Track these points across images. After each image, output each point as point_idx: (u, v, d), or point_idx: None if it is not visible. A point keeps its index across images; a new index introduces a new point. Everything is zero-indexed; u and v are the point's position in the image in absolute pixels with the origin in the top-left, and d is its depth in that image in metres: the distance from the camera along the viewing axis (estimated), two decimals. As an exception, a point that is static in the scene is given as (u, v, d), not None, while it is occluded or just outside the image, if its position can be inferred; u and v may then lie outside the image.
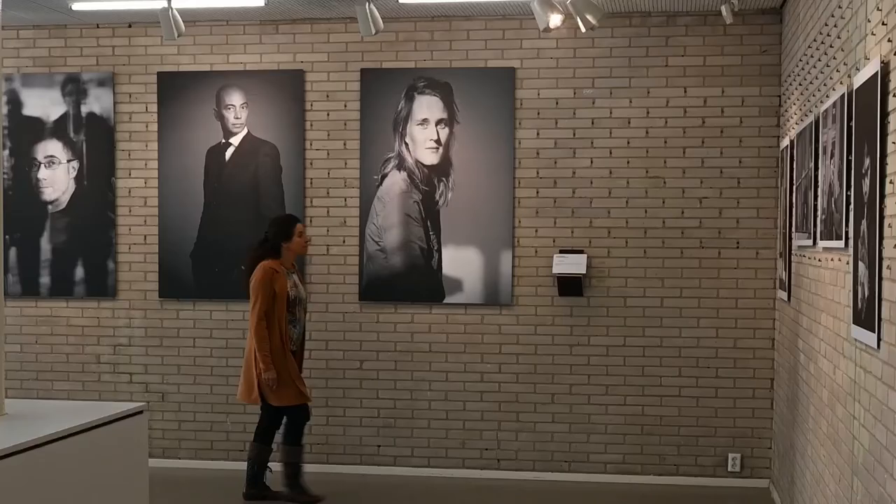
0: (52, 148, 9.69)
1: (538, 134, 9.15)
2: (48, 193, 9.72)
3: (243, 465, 8.79)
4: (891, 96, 4.35)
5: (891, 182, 4.30)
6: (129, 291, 9.70)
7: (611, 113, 9.06)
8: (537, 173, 9.16)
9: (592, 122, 9.09)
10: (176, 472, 9.44)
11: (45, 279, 9.76)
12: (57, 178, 9.69)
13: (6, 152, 9.72)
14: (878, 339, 4.52)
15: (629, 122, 9.04)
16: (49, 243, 9.71)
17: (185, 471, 9.54)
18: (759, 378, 8.99)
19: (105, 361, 9.76)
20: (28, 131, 9.72)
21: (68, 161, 9.67)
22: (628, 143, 9.04)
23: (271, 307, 8.23)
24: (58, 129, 9.68)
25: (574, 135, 9.11)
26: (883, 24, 4.58)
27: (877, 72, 4.50)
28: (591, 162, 9.10)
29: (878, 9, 4.70)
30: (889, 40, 4.43)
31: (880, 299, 4.48)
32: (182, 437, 9.66)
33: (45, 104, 9.69)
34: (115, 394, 9.69)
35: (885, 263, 4.41)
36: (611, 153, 9.07)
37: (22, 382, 9.77)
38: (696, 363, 9.04)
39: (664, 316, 9.06)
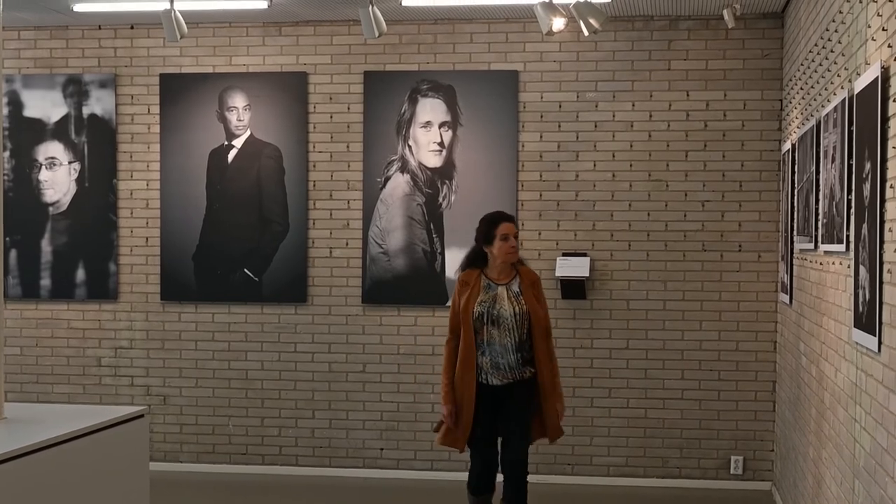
0: (53, 149, 9.69)
1: (541, 137, 9.15)
2: (49, 195, 9.72)
3: (245, 469, 8.79)
4: (891, 101, 4.35)
5: (891, 186, 4.30)
6: (131, 294, 9.70)
7: (613, 116, 9.06)
8: (540, 176, 9.16)
9: (595, 126, 9.09)
10: (178, 476, 9.45)
11: (45, 281, 9.76)
12: (58, 179, 9.69)
13: (7, 154, 9.73)
14: (879, 343, 4.52)
15: (632, 126, 9.04)
16: (50, 245, 9.71)
17: (186, 474, 9.55)
18: (761, 381, 8.99)
19: (106, 364, 9.76)
20: (29, 133, 9.72)
21: (69, 163, 9.67)
22: (631, 146, 9.04)
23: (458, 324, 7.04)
24: (59, 131, 9.69)
25: (577, 138, 9.11)
26: (883, 29, 4.58)
27: (877, 77, 4.50)
28: (594, 165, 9.10)
29: (878, 14, 4.70)
30: (889, 45, 4.43)
31: (881, 303, 4.48)
32: (184, 440, 9.66)
33: (46, 105, 9.70)
34: (116, 397, 9.69)
35: (885, 267, 4.41)
36: (613, 156, 9.07)
37: (22, 386, 9.77)
38: (698, 366, 9.04)
39: (666, 319, 9.06)
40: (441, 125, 9.24)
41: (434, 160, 9.25)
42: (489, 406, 7.01)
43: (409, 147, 9.27)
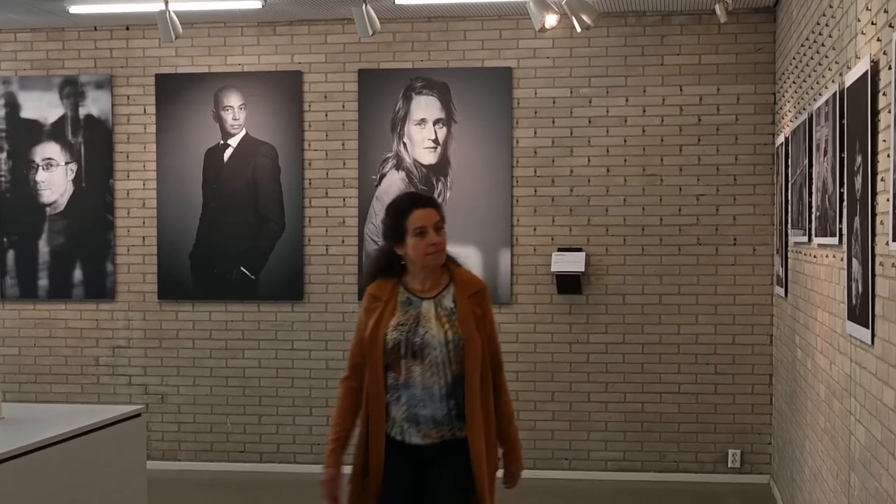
0: (50, 150, 9.70)
1: (535, 133, 9.17)
2: (46, 196, 9.73)
3: (243, 467, 8.81)
4: (881, 95, 4.38)
5: (882, 179, 4.33)
6: (128, 293, 9.71)
7: (607, 111, 9.08)
8: (535, 172, 9.18)
9: (589, 121, 9.11)
10: (176, 474, 9.46)
11: (43, 281, 9.77)
12: (55, 180, 9.70)
13: (4, 155, 9.75)
14: (872, 335, 4.54)
15: (626, 121, 9.06)
16: (47, 245, 9.72)
17: (184, 473, 9.56)
18: (757, 374, 9.01)
19: (104, 364, 9.77)
20: (26, 134, 9.73)
21: (66, 163, 9.69)
22: (625, 141, 9.06)
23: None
24: (56, 132, 9.70)
25: (571, 133, 9.13)
26: (872, 23, 4.61)
27: (867, 70, 4.53)
28: (589, 160, 9.12)
29: (867, 8, 4.72)
30: (878, 39, 4.46)
31: (873, 295, 4.51)
32: (181, 438, 9.68)
33: (42, 107, 9.71)
34: (115, 396, 9.71)
35: (877, 260, 4.44)
36: (608, 151, 9.09)
37: (20, 386, 9.78)
38: (694, 360, 9.06)
39: (663, 313, 9.08)
40: (435, 122, 9.26)
41: (429, 157, 9.27)
42: (408, 476, 4.86)
43: (404, 144, 9.29)
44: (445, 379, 4.77)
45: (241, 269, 9.45)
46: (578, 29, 7.56)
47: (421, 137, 9.28)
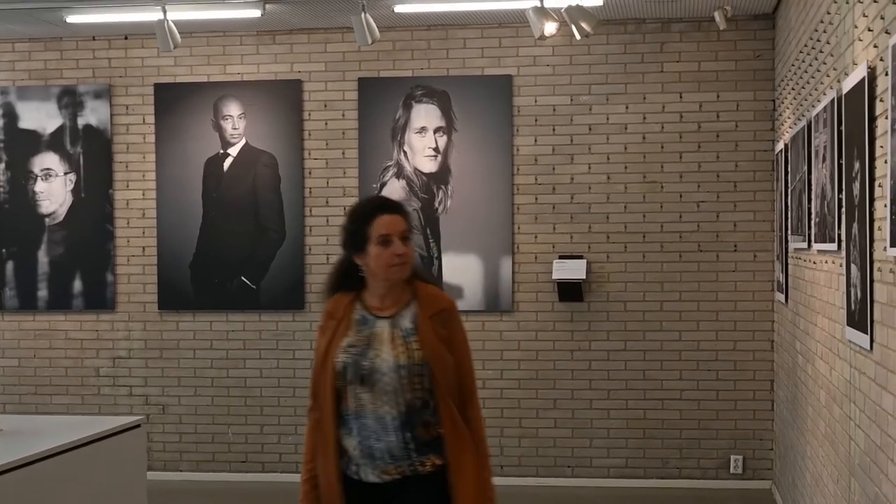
0: (48, 161, 9.70)
1: (536, 140, 9.17)
2: (45, 206, 9.73)
3: (245, 477, 8.80)
4: (878, 101, 4.39)
5: (879, 185, 4.33)
6: (128, 303, 9.71)
7: (607, 119, 9.08)
8: (536, 179, 9.18)
9: (590, 129, 9.11)
10: (177, 485, 9.45)
11: (42, 292, 9.77)
12: (54, 190, 9.70)
13: (2, 166, 9.75)
14: (871, 341, 4.54)
15: (626, 128, 9.06)
16: (47, 256, 9.71)
17: (186, 483, 9.55)
18: (759, 380, 9.00)
19: (104, 374, 9.76)
20: (24, 144, 9.73)
21: (65, 173, 9.68)
22: (625, 148, 9.06)
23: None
24: (54, 142, 9.70)
25: (571, 141, 9.13)
26: (869, 29, 4.61)
27: (864, 77, 4.53)
28: (589, 168, 9.12)
29: (864, 15, 4.73)
30: (875, 46, 4.46)
31: (872, 301, 4.51)
32: (183, 449, 9.67)
33: (41, 117, 9.71)
34: (115, 407, 9.70)
35: (875, 266, 4.44)
36: (608, 159, 9.09)
37: (20, 397, 9.78)
38: (696, 366, 9.05)
39: (664, 320, 9.08)
40: (436, 130, 9.26)
41: (429, 165, 9.27)
42: None
43: (405, 153, 9.29)
44: (398, 408, 4.19)
45: (242, 278, 9.45)
46: (578, 37, 7.57)
47: (421, 146, 9.28)
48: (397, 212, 4.35)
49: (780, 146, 8.27)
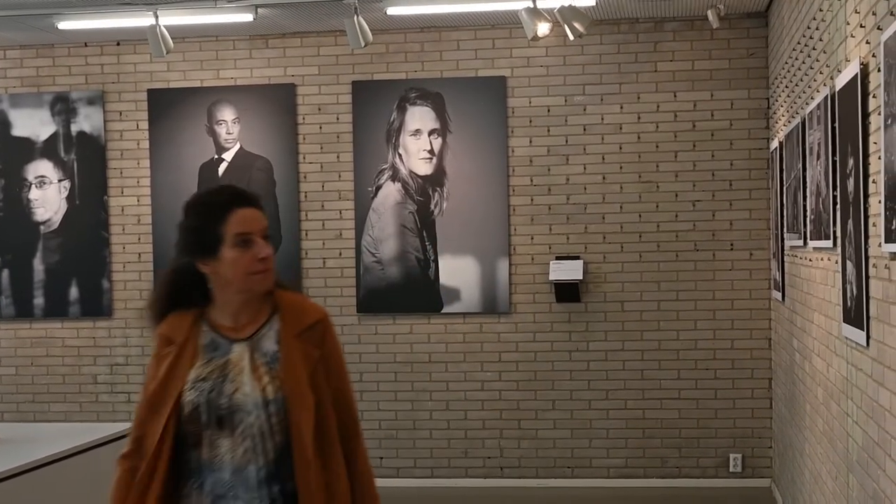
0: (42, 168, 9.69)
1: (531, 141, 9.17)
2: (40, 214, 9.71)
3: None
4: (871, 97, 4.38)
5: (873, 182, 4.33)
6: (125, 310, 9.69)
7: (602, 119, 9.08)
8: (531, 181, 9.18)
9: (584, 129, 9.10)
10: (178, 489, 9.43)
11: (38, 300, 9.75)
12: (48, 198, 9.69)
13: (-4, 174, 9.77)
14: (867, 337, 4.54)
15: (621, 128, 9.05)
16: (42, 264, 9.70)
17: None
18: (757, 378, 9.00)
19: (102, 381, 9.75)
20: (18, 152, 9.71)
21: (59, 181, 9.67)
22: (620, 148, 9.06)
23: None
24: (48, 149, 9.68)
25: (566, 141, 9.13)
26: (861, 26, 4.61)
27: (857, 73, 4.53)
28: (585, 168, 9.12)
29: (856, 11, 4.73)
30: (867, 42, 4.46)
31: (868, 297, 4.51)
32: (183, 453, 9.64)
33: (34, 124, 9.70)
34: (114, 414, 9.68)
35: (870, 262, 4.44)
36: (603, 159, 9.09)
37: (18, 405, 9.77)
38: (694, 365, 9.05)
39: (661, 319, 9.07)
40: (430, 133, 9.26)
41: (425, 168, 9.27)
42: None
43: (400, 155, 9.29)
44: (266, 456, 3.35)
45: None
46: (571, 37, 7.58)
47: (416, 148, 9.28)
48: (256, 205, 3.54)
49: (774, 144, 8.27)
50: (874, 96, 4.31)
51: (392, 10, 8.42)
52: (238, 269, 3.41)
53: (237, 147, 9.48)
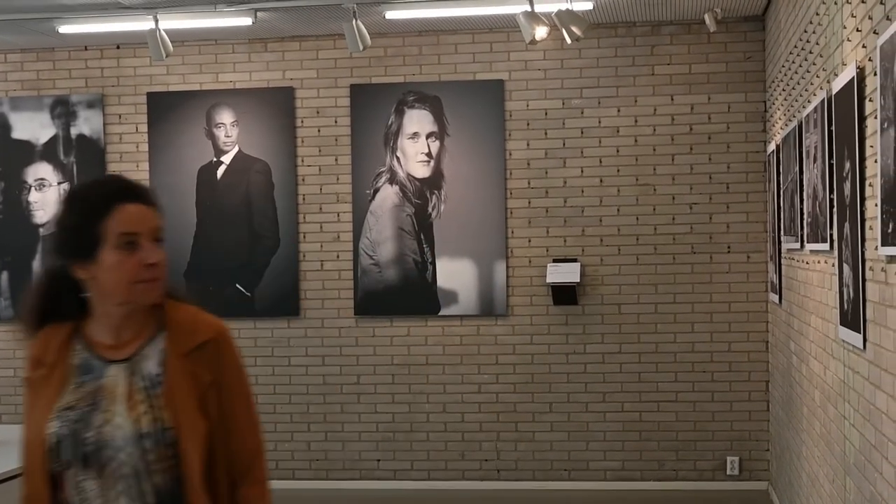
0: (42, 171, 9.71)
1: (528, 145, 9.19)
2: (39, 216, 9.72)
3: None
4: (867, 101, 4.41)
5: (870, 185, 4.34)
6: (125, 312, 9.68)
7: (599, 122, 9.10)
8: (528, 184, 9.20)
9: (581, 132, 9.13)
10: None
11: (39, 302, 9.73)
12: (48, 200, 9.70)
13: (-3, 177, 9.78)
14: (864, 340, 4.56)
15: (618, 131, 9.08)
16: (41, 266, 9.72)
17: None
18: (754, 381, 9.02)
19: (103, 383, 9.74)
20: (18, 155, 9.73)
21: (59, 183, 9.69)
22: (618, 151, 9.08)
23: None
24: (48, 152, 9.70)
25: (564, 145, 9.15)
26: (857, 30, 4.63)
27: (853, 77, 4.55)
28: (582, 171, 9.14)
29: (852, 15, 4.75)
30: (863, 46, 4.49)
31: (864, 300, 4.52)
32: (181, 456, 9.64)
33: (34, 127, 9.72)
34: (114, 415, 9.67)
35: (867, 265, 4.46)
36: (601, 162, 9.11)
37: (16, 407, 9.77)
38: (691, 367, 9.07)
39: (658, 322, 9.09)
40: (428, 136, 9.28)
41: (422, 171, 9.29)
42: None
43: (398, 158, 9.30)
44: (143, 500, 2.86)
45: (237, 285, 9.46)
46: (568, 40, 7.59)
47: (414, 151, 9.29)
48: (147, 200, 2.99)
49: (771, 147, 8.29)
50: (870, 100, 4.34)
51: (390, 14, 8.44)
52: (120, 277, 2.87)
53: (236, 150, 9.49)
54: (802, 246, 6.44)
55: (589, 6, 8.27)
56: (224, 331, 3.06)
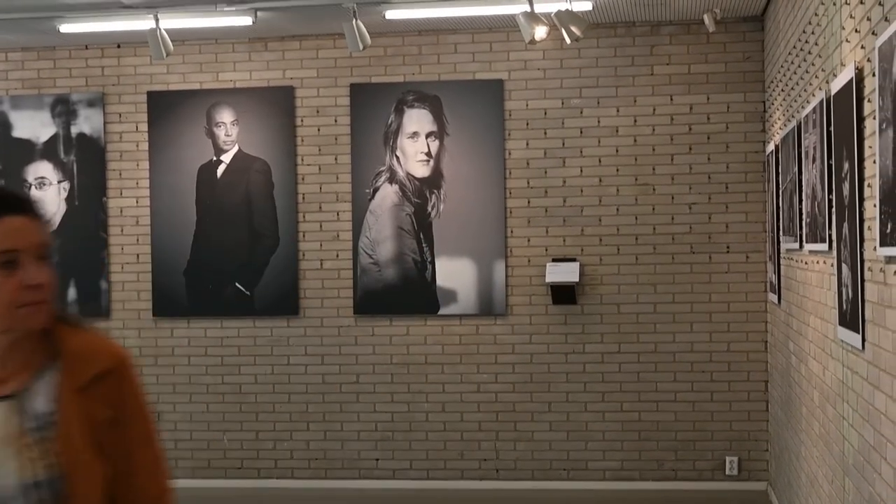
0: (42, 169, 9.72)
1: (528, 144, 9.20)
2: (40, 216, 9.71)
3: (241, 483, 8.81)
4: (866, 101, 4.41)
5: (869, 185, 4.35)
6: (123, 311, 9.71)
7: (598, 122, 9.11)
8: (528, 183, 9.20)
9: (581, 132, 9.13)
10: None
11: (39, 301, 9.74)
12: (48, 199, 9.70)
13: (-3, 175, 9.78)
14: (863, 340, 4.56)
15: (617, 131, 9.08)
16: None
17: (182, 491, 9.48)
18: (753, 381, 9.02)
19: (102, 381, 9.74)
20: (18, 153, 9.74)
21: (59, 182, 9.69)
22: (617, 151, 9.09)
23: None
24: (48, 151, 9.71)
25: (563, 144, 9.15)
26: (856, 31, 4.64)
27: (852, 78, 4.56)
28: (581, 171, 9.14)
29: (851, 16, 4.76)
30: (862, 47, 4.49)
31: (863, 301, 4.53)
32: (179, 456, 9.65)
33: (34, 126, 9.72)
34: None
35: (866, 265, 4.46)
36: (600, 162, 9.12)
37: None
38: (690, 367, 9.07)
39: (658, 322, 9.09)
40: (428, 135, 9.28)
41: (422, 170, 9.29)
42: None
43: (397, 158, 9.31)
44: None
45: (236, 284, 9.46)
46: (568, 40, 7.60)
47: (413, 150, 9.30)
48: (29, 213, 2.62)
49: (770, 147, 8.30)
50: (869, 101, 4.34)
51: (390, 14, 8.44)
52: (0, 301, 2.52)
53: (236, 149, 9.50)
54: (801, 246, 6.44)
55: (588, 6, 8.27)
56: (125, 359, 2.68)
